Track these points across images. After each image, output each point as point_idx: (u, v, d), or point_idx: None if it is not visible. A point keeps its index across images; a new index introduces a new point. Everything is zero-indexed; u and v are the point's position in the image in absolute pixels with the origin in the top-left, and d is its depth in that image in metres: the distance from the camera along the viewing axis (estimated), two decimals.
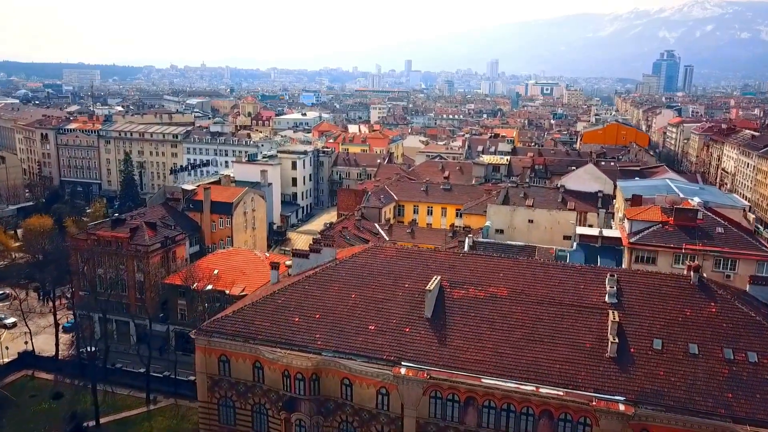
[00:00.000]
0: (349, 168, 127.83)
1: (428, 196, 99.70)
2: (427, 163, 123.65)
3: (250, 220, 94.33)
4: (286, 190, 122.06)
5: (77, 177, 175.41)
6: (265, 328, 41.19)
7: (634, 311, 39.11)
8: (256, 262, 74.53)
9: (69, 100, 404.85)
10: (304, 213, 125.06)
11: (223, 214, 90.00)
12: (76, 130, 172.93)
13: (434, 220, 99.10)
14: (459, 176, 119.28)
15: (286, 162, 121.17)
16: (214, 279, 73.59)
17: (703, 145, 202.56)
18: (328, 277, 44.22)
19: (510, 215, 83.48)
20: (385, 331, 39.71)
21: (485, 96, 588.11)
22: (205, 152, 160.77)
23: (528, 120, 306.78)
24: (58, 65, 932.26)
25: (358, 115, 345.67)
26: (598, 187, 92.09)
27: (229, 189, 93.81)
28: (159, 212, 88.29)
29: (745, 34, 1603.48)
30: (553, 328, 38.77)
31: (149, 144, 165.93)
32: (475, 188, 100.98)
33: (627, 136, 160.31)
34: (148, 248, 76.43)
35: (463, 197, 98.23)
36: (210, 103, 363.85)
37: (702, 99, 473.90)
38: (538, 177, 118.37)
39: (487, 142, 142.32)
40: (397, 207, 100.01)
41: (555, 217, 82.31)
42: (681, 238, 57.71)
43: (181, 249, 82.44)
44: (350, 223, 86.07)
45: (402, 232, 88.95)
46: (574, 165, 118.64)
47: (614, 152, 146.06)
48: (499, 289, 41.50)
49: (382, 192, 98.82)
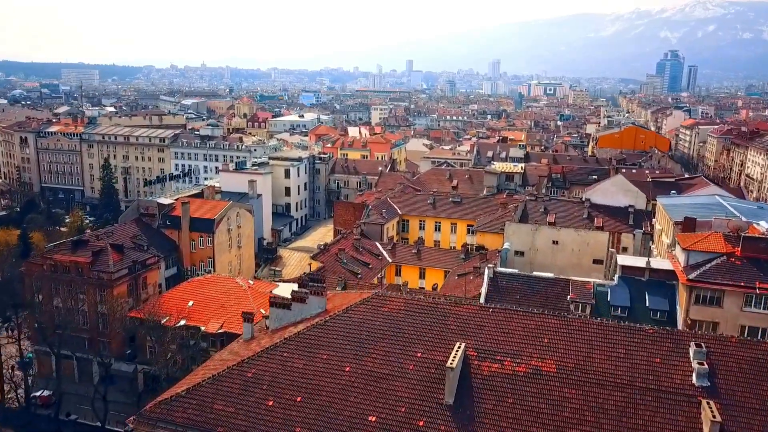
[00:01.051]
0: (347, 176, 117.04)
1: (436, 209, 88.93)
2: (433, 171, 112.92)
3: (236, 238, 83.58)
4: (278, 201, 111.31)
5: (59, 183, 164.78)
6: (228, 415, 30.38)
7: (737, 400, 28.36)
8: (237, 293, 63.86)
9: (62, 100, 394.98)
10: (299, 226, 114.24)
11: (204, 232, 79.26)
12: (57, 134, 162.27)
13: (443, 237, 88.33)
14: (468, 185, 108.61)
15: (278, 170, 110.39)
16: (188, 313, 63.02)
17: (722, 148, 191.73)
18: (314, 340, 33.43)
19: (532, 235, 72.75)
20: (391, 425, 28.94)
21: (488, 96, 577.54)
22: (194, 157, 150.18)
23: (534, 122, 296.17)
24: (58, 65, 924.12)
25: (359, 116, 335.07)
26: (628, 202, 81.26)
27: (211, 203, 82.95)
28: (131, 230, 77.59)
29: (747, 34, 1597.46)
30: (622, 423, 28.00)
31: (134, 148, 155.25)
32: (488, 201, 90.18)
33: (646, 141, 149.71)
34: (112, 275, 65.69)
35: (476, 211, 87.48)
36: (206, 103, 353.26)
37: (708, 100, 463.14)
38: (555, 187, 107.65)
39: (497, 147, 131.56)
40: (401, 222, 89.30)
41: (584, 238, 71.62)
42: (752, 275, 46.95)
43: (153, 274, 71.67)
44: (348, 242, 75.32)
45: (407, 253, 78.32)
46: (595, 174, 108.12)
47: (634, 158, 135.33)
48: (545, 363, 30.71)
49: (384, 205, 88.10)
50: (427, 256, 77.42)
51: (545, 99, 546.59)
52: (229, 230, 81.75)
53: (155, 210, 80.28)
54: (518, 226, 73.45)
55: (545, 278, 54.91)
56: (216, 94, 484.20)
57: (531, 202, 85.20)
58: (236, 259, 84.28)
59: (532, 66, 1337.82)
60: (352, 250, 74.01)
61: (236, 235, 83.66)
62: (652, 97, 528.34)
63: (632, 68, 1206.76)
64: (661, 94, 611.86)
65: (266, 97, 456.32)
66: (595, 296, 52.23)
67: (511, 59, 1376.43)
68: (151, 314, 61.32)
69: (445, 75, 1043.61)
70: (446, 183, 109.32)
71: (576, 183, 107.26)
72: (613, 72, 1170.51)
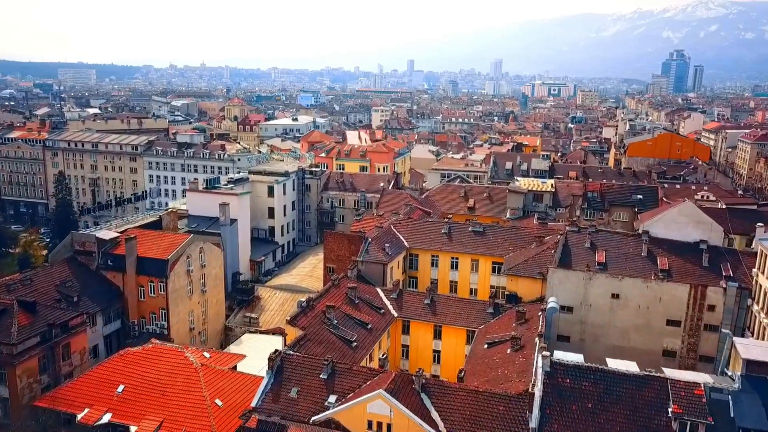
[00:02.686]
0: (343, 193, 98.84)
1: (452, 241, 70.92)
2: (445, 188, 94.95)
3: (198, 281, 65.66)
4: (260, 224, 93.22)
5: (20, 195, 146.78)
6: None
7: None
8: (185, 375, 46.06)
9: (49, 100, 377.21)
10: (285, 253, 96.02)
11: (155, 277, 61.38)
12: (17, 140, 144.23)
13: (461, 278, 70.33)
14: (488, 206, 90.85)
15: (260, 187, 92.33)
16: (115, 403, 45.21)
17: (757, 155, 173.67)
18: None
19: (584, 287, 54.94)
20: None
21: (492, 97, 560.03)
22: (170, 167, 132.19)
23: (544, 124, 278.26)
24: (57, 64, 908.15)
25: (359, 118, 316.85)
26: (699, 235, 63.08)
27: (167, 237, 64.77)
28: (59, 275, 59.73)
29: (749, 34, 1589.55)
30: None
31: (103, 157, 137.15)
32: (517, 230, 72.10)
33: (683, 149, 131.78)
34: (14, 349, 47.73)
35: (503, 244, 69.54)
36: (197, 105, 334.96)
37: (718, 101, 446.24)
38: (591, 209, 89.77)
39: (517, 158, 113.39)
40: (409, 257, 71.39)
41: (654, 292, 53.80)
42: None
43: (79, 339, 53.67)
44: (340, 294, 57.30)
45: (417, 304, 60.37)
46: (639, 193, 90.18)
47: (674, 170, 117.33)
48: None
49: (387, 236, 70.16)
50: (443, 308, 59.43)
51: (551, 100, 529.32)
52: (189, 272, 63.82)
53: (93, 247, 62.37)
54: (565, 273, 55.57)
55: (630, 375, 36.96)
56: (210, 94, 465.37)
57: (573, 233, 67.42)
58: (199, 307, 66.35)
59: (534, 66, 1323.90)
60: (346, 303, 56.10)
61: (199, 277, 65.73)
62: (660, 97, 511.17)
63: (634, 68, 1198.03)
64: (669, 94, 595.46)
65: (263, 98, 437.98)
66: (710, 406, 34.39)
67: (512, 59, 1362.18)
68: (61, 405, 43.57)
69: (446, 75, 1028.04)
70: (461, 203, 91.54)
71: (617, 204, 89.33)
72: (615, 72, 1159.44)
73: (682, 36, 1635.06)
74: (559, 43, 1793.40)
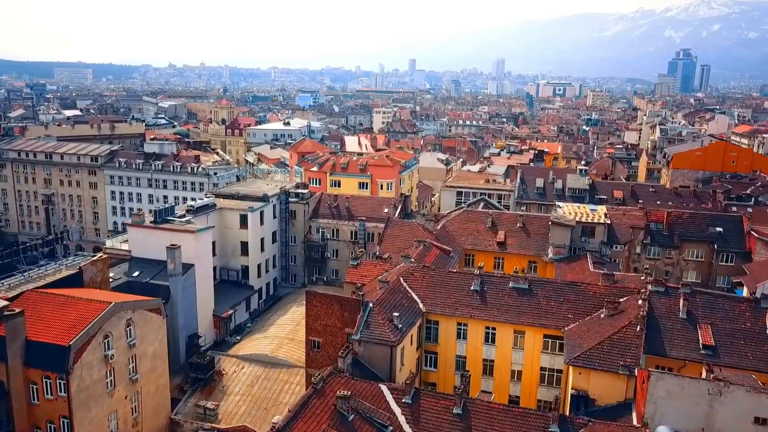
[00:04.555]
0: (338, 222, 78.50)
1: (486, 304, 50.77)
2: (466, 216, 74.62)
3: (124, 368, 45.51)
4: (230, 263, 72.96)
5: None
6: None
7: None
8: None
9: (33, 101, 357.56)
10: (262, 299, 75.69)
11: (52, 371, 41.27)
12: None
13: (500, 357, 50.15)
14: (523, 240, 70.67)
15: (230, 216, 72.19)
16: None
17: None
18: None
19: (707, 403, 34.85)
20: None
21: (497, 97, 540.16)
22: (135, 182, 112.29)
23: (559, 127, 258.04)
24: (54, 64, 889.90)
25: (359, 120, 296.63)
26: None
27: (76, 305, 44.38)
28: None
29: (752, 33, 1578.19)
30: None
31: (59, 170, 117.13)
32: (576, 288, 51.70)
33: (738, 160, 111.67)
34: None
35: (559, 309, 49.39)
36: (186, 106, 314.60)
37: (729, 101, 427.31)
38: (655, 244, 69.61)
39: (550, 174, 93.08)
40: (427, 325, 51.34)
41: None
42: None
43: None
44: (325, 409, 37.00)
45: (441, 416, 39.94)
46: (719, 224, 70.00)
47: (740, 187, 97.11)
48: None
49: (396, 297, 50.07)
50: (481, 422, 39.08)
51: (558, 100, 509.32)
52: (108, 358, 43.67)
53: None
54: (679, 381, 35.36)
55: None
56: (204, 94, 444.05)
57: (656, 293, 47.61)
58: (128, 403, 46.14)
59: (536, 65, 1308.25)
60: (334, 427, 35.90)
61: (126, 362, 45.57)
62: (669, 97, 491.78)
63: (637, 68, 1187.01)
64: (677, 94, 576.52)
65: (259, 98, 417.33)
66: None
67: (514, 59, 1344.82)
68: None
69: (448, 74, 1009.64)
70: (488, 236, 71.29)
71: (689, 238, 69.08)
72: (617, 71, 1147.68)
73: (684, 35, 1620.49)
74: (560, 43, 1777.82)
